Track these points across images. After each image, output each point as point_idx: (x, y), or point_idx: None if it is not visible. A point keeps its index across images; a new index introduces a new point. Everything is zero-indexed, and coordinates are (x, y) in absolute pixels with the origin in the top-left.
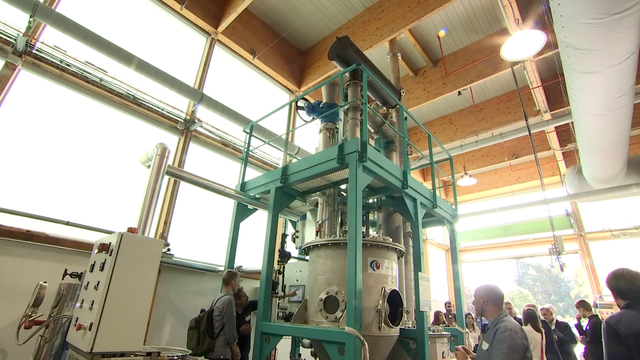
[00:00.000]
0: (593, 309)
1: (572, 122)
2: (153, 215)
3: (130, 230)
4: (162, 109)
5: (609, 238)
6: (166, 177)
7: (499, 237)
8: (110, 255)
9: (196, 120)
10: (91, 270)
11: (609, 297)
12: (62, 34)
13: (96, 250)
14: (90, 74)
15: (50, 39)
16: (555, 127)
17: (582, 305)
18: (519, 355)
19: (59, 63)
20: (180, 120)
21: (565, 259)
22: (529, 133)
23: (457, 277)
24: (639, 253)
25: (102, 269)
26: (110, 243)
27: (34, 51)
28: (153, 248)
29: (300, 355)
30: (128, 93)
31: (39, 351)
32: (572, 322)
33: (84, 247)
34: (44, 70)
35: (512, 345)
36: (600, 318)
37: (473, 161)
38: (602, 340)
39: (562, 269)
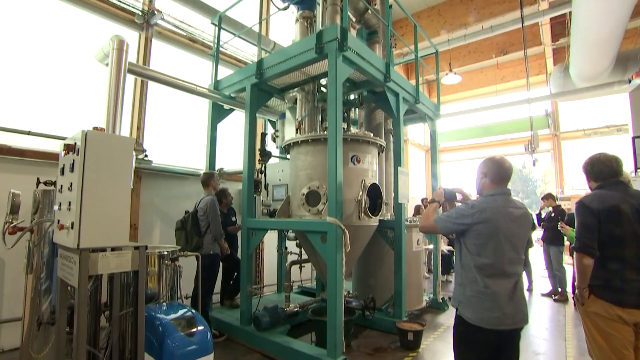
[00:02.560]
0: None
1: (569, 13)
2: (121, 117)
3: (97, 129)
4: None
5: (580, 137)
6: (132, 80)
7: (478, 137)
8: (77, 154)
9: (156, 12)
10: (62, 174)
11: (569, 191)
12: None
13: (63, 153)
14: None
15: None
16: (550, 19)
17: (550, 197)
18: (463, 223)
19: None
20: (137, 12)
21: (537, 157)
22: (522, 24)
23: (435, 176)
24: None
25: (72, 169)
26: (75, 143)
27: None
28: (123, 144)
29: (286, 248)
30: None
31: (30, 254)
32: (534, 213)
33: (52, 158)
34: None
35: (458, 211)
36: (562, 208)
37: (459, 58)
38: (576, 217)
39: (534, 164)
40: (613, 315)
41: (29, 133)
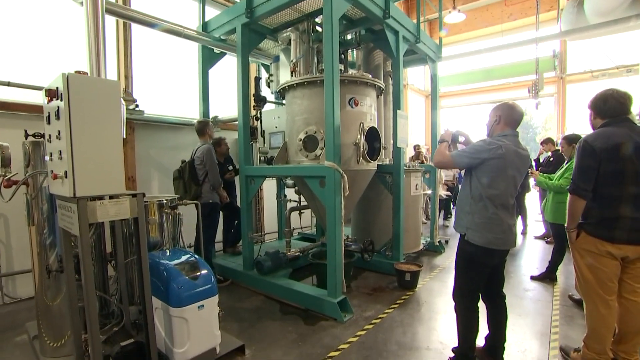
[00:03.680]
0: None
1: None
2: (105, 63)
3: (79, 73)
4: None
5: (588, 80)
6: (114, 24)
7: (479, 82)
8: (61, 100)
9: None
10: (48, 122)
11: None
12: None
13: (47, 100)
14: None
15: None
16: None
17: (549, 141)
18: (479, 157)
19: None
20: None
21: (540, 101)
22: None
23: (435, 125)
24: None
25: (57, 117)
26: (57, 88)
27: None
28: (108, 87)
29: (285, 196)
30: None
31: (29, 206)
32: (532, 159)
33: (37, 110)
34: None
35: (475, 147)
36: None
37: None
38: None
39: (537, 107)
40: (602, 252)
41: (8, 84)
